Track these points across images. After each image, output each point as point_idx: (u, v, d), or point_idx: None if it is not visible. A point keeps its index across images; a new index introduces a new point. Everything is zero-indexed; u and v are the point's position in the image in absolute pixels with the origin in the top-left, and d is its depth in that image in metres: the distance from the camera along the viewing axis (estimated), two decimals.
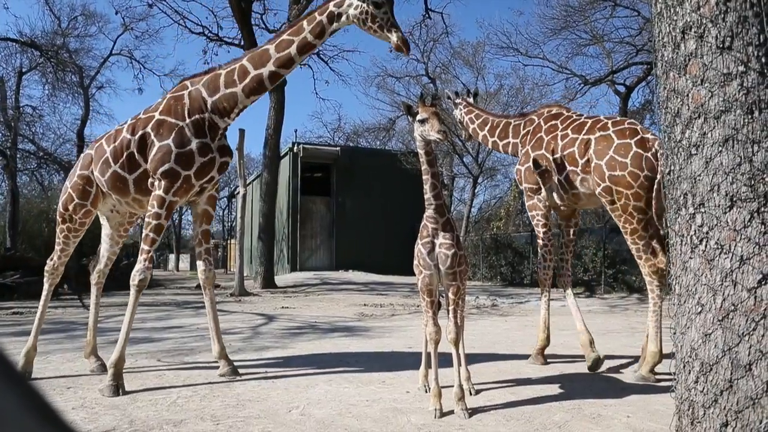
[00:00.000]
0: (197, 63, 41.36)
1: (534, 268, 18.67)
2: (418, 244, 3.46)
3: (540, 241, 5.26)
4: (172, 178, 4.16)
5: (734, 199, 2.19)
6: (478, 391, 3.85)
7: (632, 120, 4.82)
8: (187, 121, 4.24)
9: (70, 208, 4.64)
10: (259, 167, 24.90)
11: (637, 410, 3.41)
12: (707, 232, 2.26)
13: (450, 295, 3.48)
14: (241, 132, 15.48)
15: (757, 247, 2.14)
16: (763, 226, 2.15)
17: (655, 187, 4.16)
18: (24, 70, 25.42)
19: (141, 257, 4.19)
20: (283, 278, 19.37)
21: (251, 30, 16.28)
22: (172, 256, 48.47)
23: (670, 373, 2.56)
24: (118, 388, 3.85)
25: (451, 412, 3.31)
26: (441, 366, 3.58)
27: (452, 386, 3.40)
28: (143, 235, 4.26)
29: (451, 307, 3.48)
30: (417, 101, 3.46)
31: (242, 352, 5.64)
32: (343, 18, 4.12)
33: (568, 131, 4.86)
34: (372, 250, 22.23)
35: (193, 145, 4.21)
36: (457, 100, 6.14)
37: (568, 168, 4.78)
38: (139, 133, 4.30)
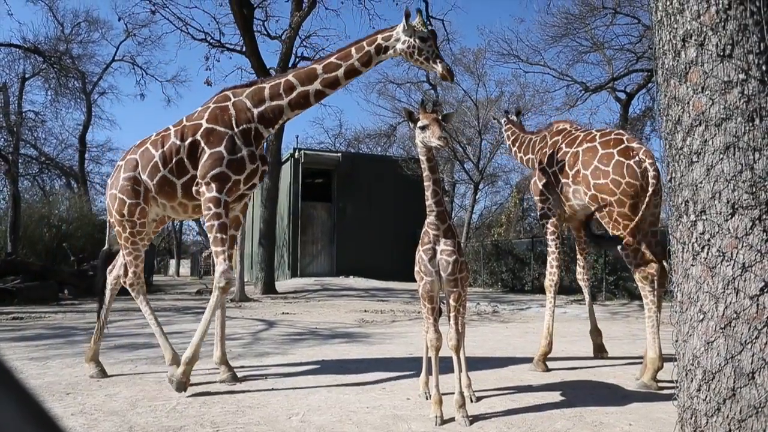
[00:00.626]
0: (199, 69, 41.71)
1: (535, 274, 18.64)
2: (420, 251, 3.46)
3: (548, 249, 5.41)
4: (223, 180, 4.31)
5: (736, 206, 2.19)
6: (479, 398, 3.83)
7: (620, 131, 5.01)
8: (236, 130, 4.43)
9: (126, 211, 4.64)
10: None
11: (639, 418, 3.39)
12: (709, 240, 2.26)
13: (451, 301, 3.47)
14: None
15: (759, 254, 2.14)
16: (764, 234, 2.14)
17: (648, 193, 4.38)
18: (27, 75, 25.55)
19: (219, 259, 4.25)
20: (283, 284, 19.34)
21: (253, 37, 16.35)
22: (172, 262, 48.44)
23: (672, 381, 2.54)
24: (182, 384, 3.98)
25: (452, 419, 3.29)
26: (442, 373, 3.56)
27: (453, 393, 3.38)
28: (211, 238, 4.32)
29: (452, 314, 3.46)
30: (418, 108, 3.47)
31: (243, 358, 5.62)
32: (390, 51, 4.39)
33: (563, 145, 5.09)
34: (373, 256, 22.20)
35: (244, 152, 4.40)
36: (503, 120, 6.54)
37: (562, 180, 4.98)
38: (189, 140, 4.43)
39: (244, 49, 16.97)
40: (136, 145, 4.82)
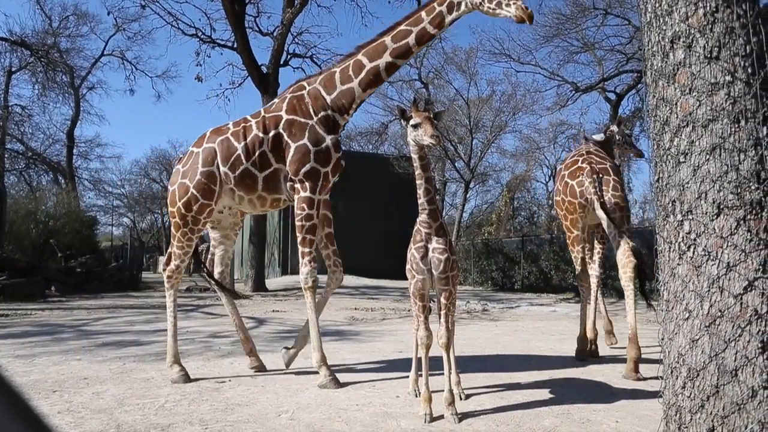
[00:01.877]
0: (190, 65, 41.29)
1: (525, 273, 18.75)
2: (411, 249, 3.47)
3: (572, 254, 5.89)
4: (315, 177, 4.29)
5: (721, 206, 2.22)
6: (468, 396, 3.85)
7: (583, 152, 5.66)
8: (315, 119, 4.35)
9: (195, 208, 4.49)
10: None
11: (625, 415, 3.43)
12: (695, 239, 2.29)
13: (442, 299, 3.49)
14: None
15: (744, 254, 2.17)
16: (749, 234, 2.18)
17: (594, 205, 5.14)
18: (13, 69, 25.19)
19: (305, 260, 4.26)
20: (273, 281, 19.28)
21: (245, 33, 16.25)
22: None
23: (658, 377, 2.58)
24: (336, 379, 4.14)
25: (442, 416, 3.31)
26: (431, 371, 3.58)
27: (443, 391, 3.40)
28: (300, 239, 4.30)
29: (442, 312, 3.48)
30: (411, 106, 3.48)
31: (232, 355, 5.60)
32: (462, 6, 4.12)
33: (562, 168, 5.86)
34: (363, 254, 22.19)
35: (328, 141, 4.33)
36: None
37: (556, 198, 5.81)
38: (272, 132, 4.36)
39: (235, 46, 16.86)
40: (212, 131, 4.64)
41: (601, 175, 5.11)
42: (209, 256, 5.27)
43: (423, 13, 4.21)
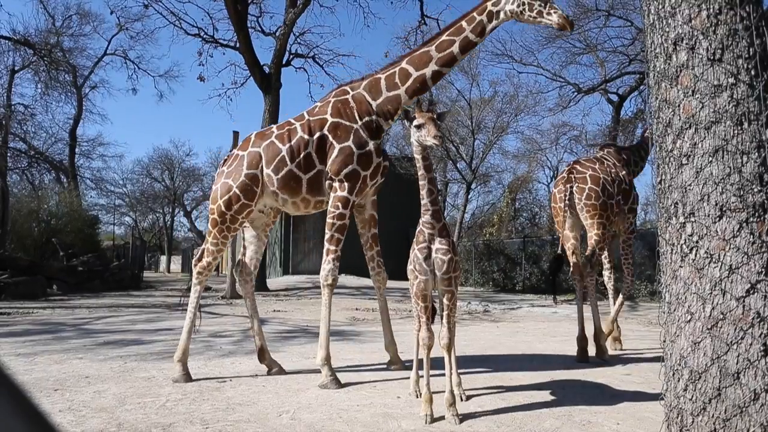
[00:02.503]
0: (192, 65, 41.18)
1: (526, 274, 18.73)
2: (414, 249, 3.46)
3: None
4: (355, 179, 4.35)
5: (724, 209, 2.22)
6: (469, 397, 3.85)
7: (578, 160, 6.11)
8: (360, 123, 4.44)
9: (235, 207, 4.57)
10: None
11: (626, 417, 3.42)
12: (697, 242, 2.28)
13: (444, 300, 3.48)
14: (235, 134, 15.43)
15: (746, 256, 2.17)
16: (751, 236, 2.17)
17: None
18: (16, 68, 25.23)
19: (329, 257, 4.30)
20: (275, 281, 19.29)
21: (247, 33, 16.26)
22: (163, 258, 48.15)
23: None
24: (337, 379, 4.15)
25: (442, 417, 3.31)
26: (432, 371, 3.57)
27: (443, 392, 3.39)
28: (328, 236, 4.36)
29: (444, 313, 3.47)
30: (414, 107, 3.48)
31: (233, 355, 5.61)
32: (501, 15, 4.26)
33: None
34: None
35: (371, 145, 4.39)
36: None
37: None
38: (317, 134, 4.43)
39: (237, 45, 16.87)
40: (257, 135, 4.74)
41: (574, 184, 5.70)
42: (240, 256, 5.31)
43: (464, 23, 4.33)
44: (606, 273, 6.56)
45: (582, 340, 5.69)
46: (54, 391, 3.90)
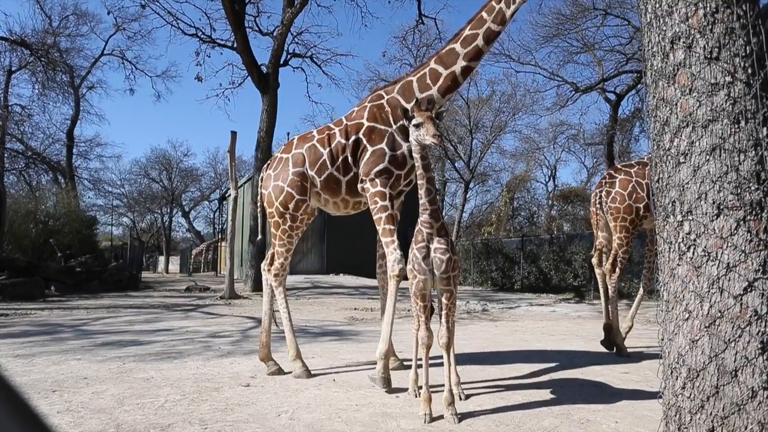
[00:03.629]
0: (190, 65, 41.30)
1: (524, 273, 18.75)
2: (413, 249, 3.46)
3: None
4: (388, 175, 4.40)
5: (721, 207, 2.22)
6: (467, 396, 3.85)
7: (618, 165, 6.48)
8: (394, 127, 4.50)
9: (291, 205, 4.76)
10: (251, 170, 24.77)
11: (625, 416, 3.43)
12: (695, 240, 2.29)
13: (443, 299, 3.48)
14: (233, 134, 15.43)
15: (743, 254, 2.17)
16: (749, 235, 2.18)
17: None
18: (13, 68, 25.18)
19: (389, 249, 4.26)
20: None
21: (245, 33, 16.24)
22: (161, 258, 48.07)
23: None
24: (388, 379, 4.08)
25: (441, 417, 3.31)
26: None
27: (442, 391, 3.39)
28: (380, 232, 4.40)
29: (443, 312, 3.48)
30: (413, 106, 3.49)
31: (231, 355, 5.60)
32: None
33: None
34: (363, 254, 22.15)
35: (404, 148, 4.44)
36: None
37: None
38: (352, 138, 4.56)
39: (235, 45, 16.86)
40: (299, 138, 4.93)
41: (603, 188, 6.07)
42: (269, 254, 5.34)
43: (484, 14, 4.37)
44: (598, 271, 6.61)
45: (611, 332, 5.91)
46: (52, 392, 3.89)
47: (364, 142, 4.52)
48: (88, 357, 5.33)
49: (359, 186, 4.58)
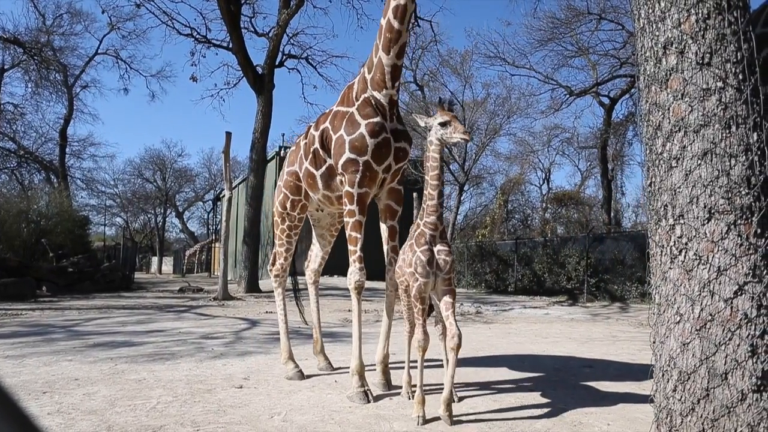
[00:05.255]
0: (185, 65, 41.21)
1: (518, 276, 18.80)
2: (416, 252, 3.41)
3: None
4: (354, 168, 3.91)
5: (712, 211, 2.24)
6: (461, 398, 3.86)
7: None
8: (356, 105, 4.03)
9: (288, 205, 4.74)
10: (245, 171, 24.73)
11: (617, 418, 3.45)
12: (686, 243, 2.30)
13: (448, 299, 3.48)
14: (228, 135, 15.39)
15: (734, 258, 2.19)
16: (739, 238, 2.20)
17: None
18: (6, 67, 25.01)
19: (351, 258, 4.02)
20: (267, 283, 19.20)
21: (240, 33, 16.21)
22: (155, 259, 47.81)
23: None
24: (366, 393, 3.77)
25: (434, 419, 3.31)
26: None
27: (435, 393, 3.39)
28: (347, 235, 4.09)
29: (448, 312, 3.46)
30: (437, 106, 3.50)
31: (224, 356, 5.58)
32: None
33: None
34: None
35: (362, 127, 3.92)
36: None
37: None
38: (321, 127, 4.27)
39: (230, 46, 16.82)
40: (300, 137, 4.81)
41: None
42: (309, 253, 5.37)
43: None
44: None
45: None
46: (43, 394, 3.86)
47: (330, 130, 4.14)
48: (79, 358, 5.29)
49: (337, 180, 4.19)
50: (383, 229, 4.42)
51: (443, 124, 3.37)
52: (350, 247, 4.06)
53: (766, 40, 3.40)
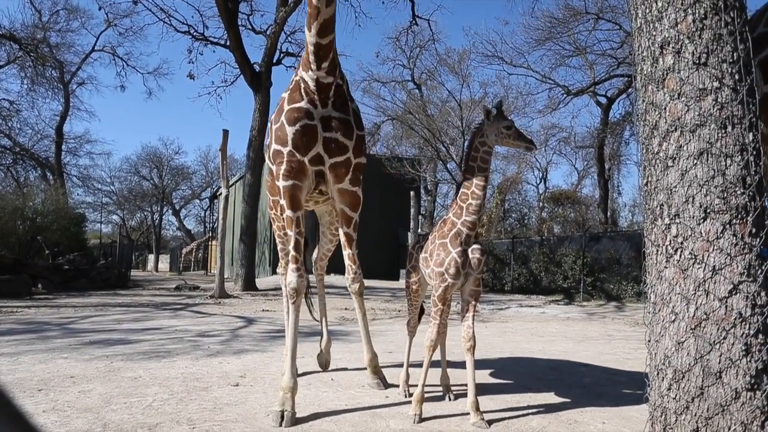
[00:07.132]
0: (182, 62, 41.07)
1: (515, 275, 18.84)
2: (452, 253, 3.28)
3: None
4: (279, 159, 3.57)
5: (708, 210, 2.25)
6: (456, 397, 3.86)
7: None
8: (288, 90, 3.69)
9: (271, 204, 4.73)
10: (242, 168, 24.68)
11: (612, 416, 3.46)
12: (682, 243, 2.31)
13: (472, 300, 3.48)
14: (225, 133, 15.35)
15: (729, 257, 2.20)
16: (734, 238, 2.21)
17: None
18: (1, 63, 24.85)
19: (283, 261, 3.84)
20: (264, 281, 19.20)
21: (238, 31, 16.17)
22: (151, 257, 47.69)
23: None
24: (290, 415, 3.21)
25: (431, 417, 3.32)
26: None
27: (434, 393, 3.39)
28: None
29: (470, 314, 3.45)
30: (495, 108, 3.46)
31: (221, 354, 5.57)
32: None
33: None
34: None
35: (284, 114, 3.59)
36: None
37: None
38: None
39: (228, 43, 16.78)
40: None
41: None
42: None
43: None
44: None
45: None
46: (38, 391, 3.85)
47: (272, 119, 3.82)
48: (75, 356, 5.28)
49: None
50: (340, 234, 4.11)
51: (508, 127, 3.36)
52: (279, 246, 3.83)
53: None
